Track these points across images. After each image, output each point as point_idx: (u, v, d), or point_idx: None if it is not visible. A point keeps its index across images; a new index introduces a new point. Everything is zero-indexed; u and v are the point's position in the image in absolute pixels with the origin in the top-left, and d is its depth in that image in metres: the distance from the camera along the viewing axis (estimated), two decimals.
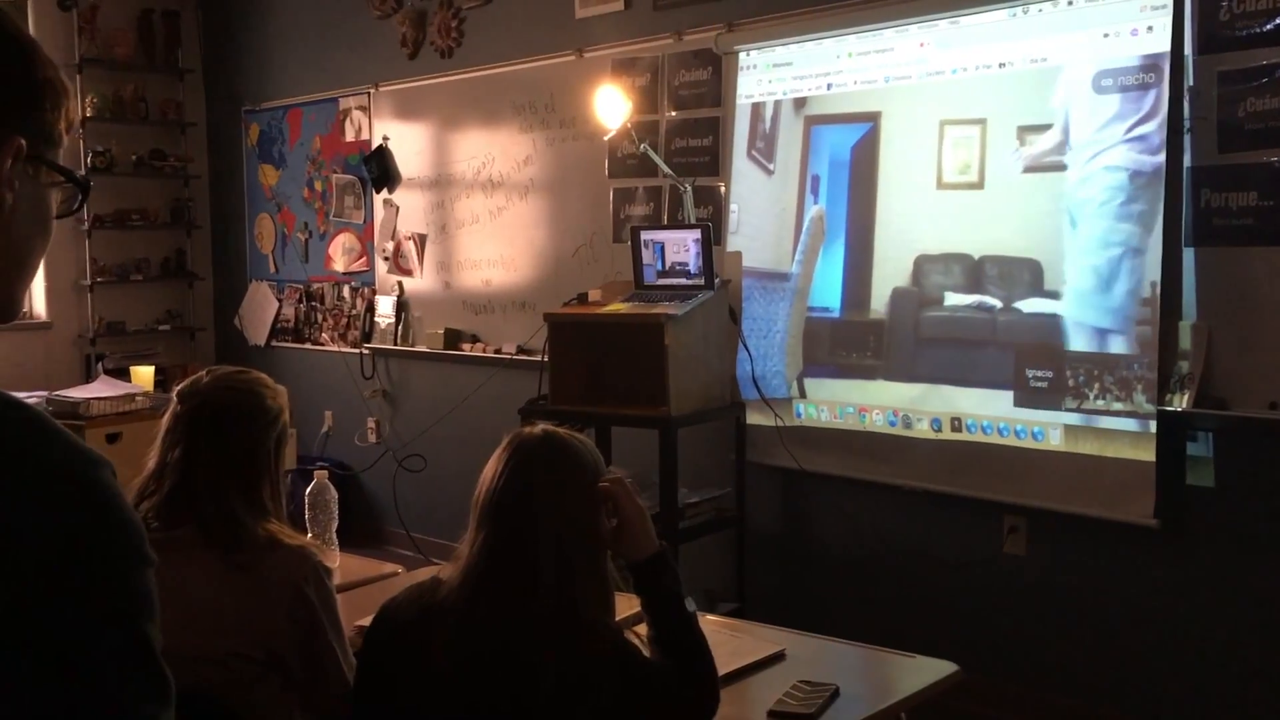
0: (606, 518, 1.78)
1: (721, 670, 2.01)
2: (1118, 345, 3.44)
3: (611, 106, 4.31)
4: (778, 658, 2.13)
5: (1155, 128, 3.34)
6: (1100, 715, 3.63)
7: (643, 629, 1.84)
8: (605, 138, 4.45)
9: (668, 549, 1.84)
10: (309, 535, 2.71)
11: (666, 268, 4.21)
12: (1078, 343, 3.51)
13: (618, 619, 1.83)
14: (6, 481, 0.85)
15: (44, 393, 5.42)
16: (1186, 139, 3.31)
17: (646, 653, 1.78)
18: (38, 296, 6.52)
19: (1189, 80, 3.31)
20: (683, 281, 4.16)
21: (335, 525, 2.73)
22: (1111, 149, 3.43)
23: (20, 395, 3.18)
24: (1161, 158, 3.32)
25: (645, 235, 4.27)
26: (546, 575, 1.68)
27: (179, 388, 2.07)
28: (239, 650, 1.89)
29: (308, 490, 2.73)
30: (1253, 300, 3.21)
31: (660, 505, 4.04)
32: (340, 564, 2.74)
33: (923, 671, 2.13)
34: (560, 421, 4.34)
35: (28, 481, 0.85)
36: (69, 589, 0.86)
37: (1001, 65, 3.68)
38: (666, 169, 4.37)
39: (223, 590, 1.91)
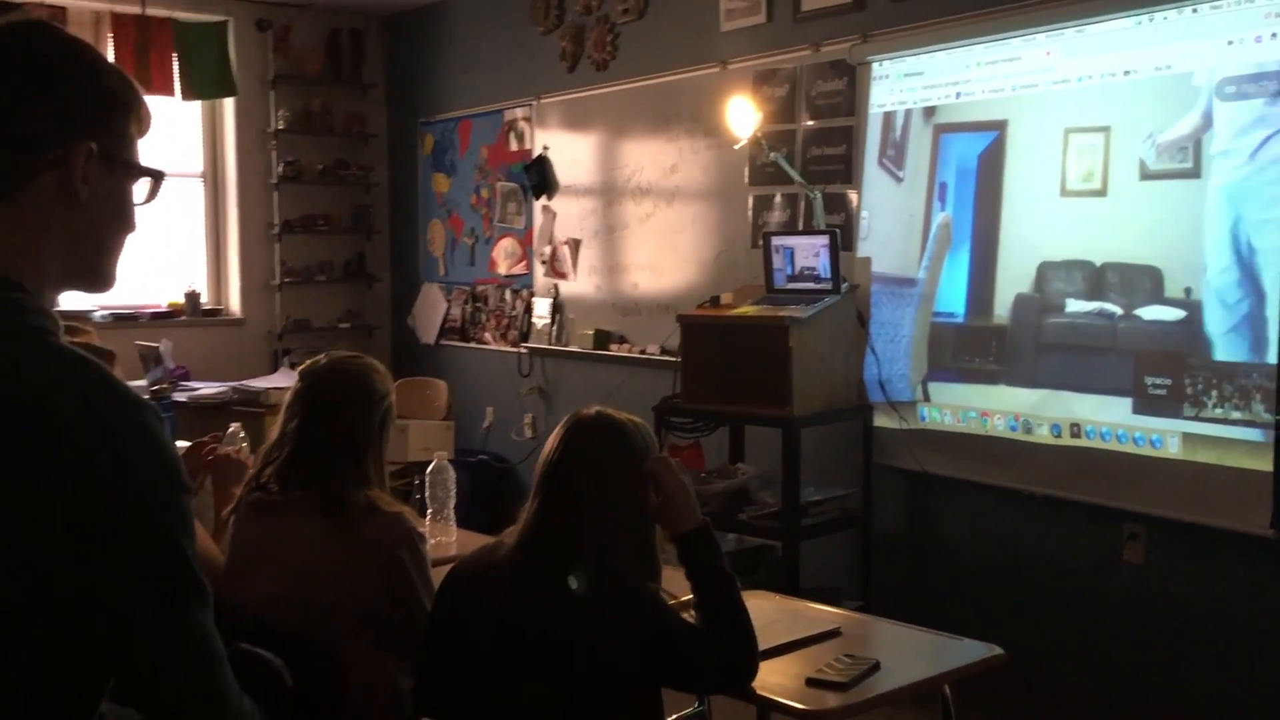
0: (653, 493, 1.96)
1: (773, 643, 2.17)
2: (1237, 353, 3.40)
3: (742, 117, 4.47)
4: (832, 634, 2.26)
5: None
6: None
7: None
8: (736, 147, 4.62)
9: (709, 523, 2.00)
10: (429, 511, 2.98)
11: (796, 272, 4.35)
12: (1197, 350, 3.49)
13: (677, 600, 2.00)
14: (73, 424, 1.09)
15: (233, 382, 5.94)
16: None
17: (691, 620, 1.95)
18: (233, 295, 7.10)
19: None
20: (811, 286, 4.29)
21: (453, 503, 2.99)
22: (1244, 156, 3.40)
23: (212, 385, 3.55)
24: None
25: (776, 241, 4.42)
26: (589, 540, 1.87)
27: (300, 368, 2.35)
28: (338, 603, 2.15)
29: (428, 470, 2.99)
30: None
31: (783, 502, 4.19)
32: (457, 538, 2.99)
33: (966, 652, 2.23)
34: (692, 419, 4.56)
35: (89, 424, 1.10)
36: (122, 508, 1.10)
37: (1126, 73, 3.68)
38: (797, 177, 4.51)
39: (327, 549, 2.17)
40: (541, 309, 6.18)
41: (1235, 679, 3.55)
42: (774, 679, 2.03)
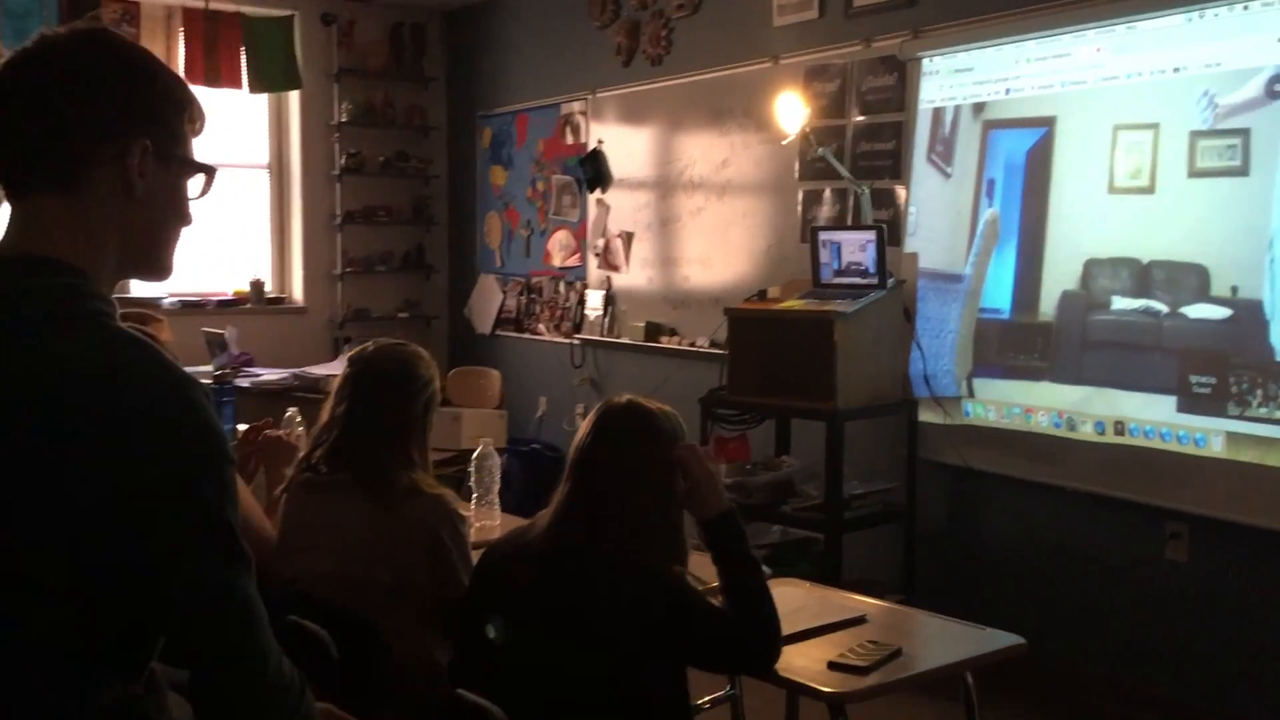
0: (680, 479, 2.02)
1: (799, 628, 2.22)
2: None
3: (791, 112, 4.51)
4: (858, 621, 2.32)
5: None
6: None
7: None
8: (784, 142, 4.66)
9: (735, 509, 2.07)
10: (474, 495, 3.08)
11: (843, 267, 4.39)
12: (1242, 349, 3.48)
13: (706, 585, 2.07)
14: (126, 400, 1.18)
15: (294, 369, 6.10)
16: None
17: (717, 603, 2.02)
18: (296, 284, 7.28)
19: None
20: (857, 281, 4.33)
21: (498, 488, 3.07)
22: None
23: (274, 371, 3.70)
24: None
25: (823, 236, 4.46)
26: (616, 523, 1.94)
27: (350, 354, 2.45)
28: (380, 578, 2.25)
29: (474, 455, 3.08)
30: None
31: (825, 495, 4.23)
32: (500, 523, 3.08)
33: (988, 640, 2.27)
34: (739, 411, 4.60)
35: (141, 400, 1.19)
36: (170, 478, 1.19)
37: (1176, 70, 3.68)
38: (845, 172, 4.54)
39: (371, 528, 2.27)
40: (594, 301, 6.26)
41: (1276, 680, 3.54)
42: (799, 661, 2.09)
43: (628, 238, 6.06)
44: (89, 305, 1.23)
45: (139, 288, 6.79)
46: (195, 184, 1.37)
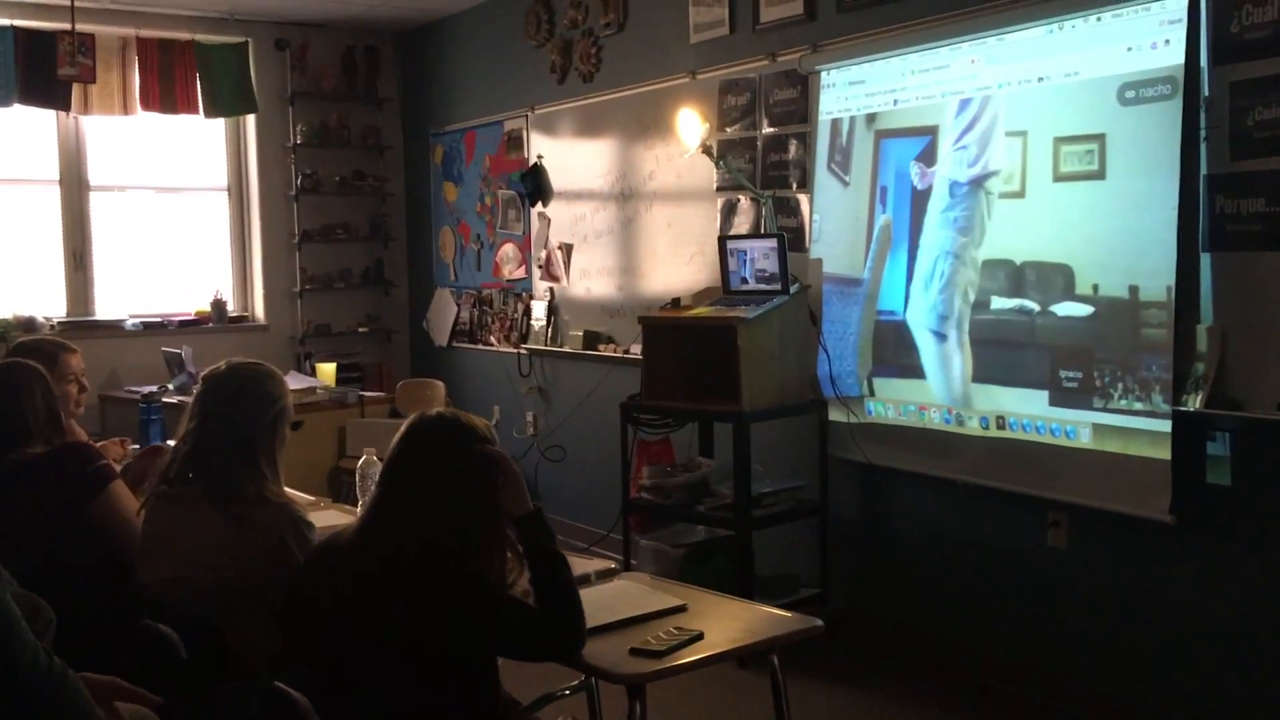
0: (495, 480, 2.20)
1: (614, 617, 2.40)
2: (1139, 347, 3.56)
3: (690, 126, 4.69)
4: (677, 610, 2.49)
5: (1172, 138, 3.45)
6: (1127, 703, 3.74)
7: None
8: (685, 155, 4.84)
9: (540, 509, 2.24)
10: (359, 502, 3.26)
11: (750, 274, 4.57)
12: (1103, 344, 3.65)
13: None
14: None
15: None
16: (1203, 148, 3.41)
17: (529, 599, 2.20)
18: (257, 303, 7.48)
19: (1204, 90, 3.40)
20: (763, 287, 4.51)
21: None
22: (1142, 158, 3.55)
23: None
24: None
25: (731, 245, 4.64)
26: (421, 520, 2.12)
27: (203, 373, 2.64)
28: (228, 582, 2.43)
29: (359, 464, 3.26)
30: (1265, 304, 3.28)
31: (734, 494, 4.40)
32: None
33: (788, 624, 2.44)
34: (658, 416, 4.76)
35: None
36: None
37: (1040, 79, 3.84)
38: (745, 182, 4.72)
39: (218, 535, 2.45)
40: (538, 311, 6.45)
41: (1142, 659, 3.70)
42: (604, 647, 2.26)
43: (567, 250, 6.24)
44: None
45: (103, 309, 7.03)
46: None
